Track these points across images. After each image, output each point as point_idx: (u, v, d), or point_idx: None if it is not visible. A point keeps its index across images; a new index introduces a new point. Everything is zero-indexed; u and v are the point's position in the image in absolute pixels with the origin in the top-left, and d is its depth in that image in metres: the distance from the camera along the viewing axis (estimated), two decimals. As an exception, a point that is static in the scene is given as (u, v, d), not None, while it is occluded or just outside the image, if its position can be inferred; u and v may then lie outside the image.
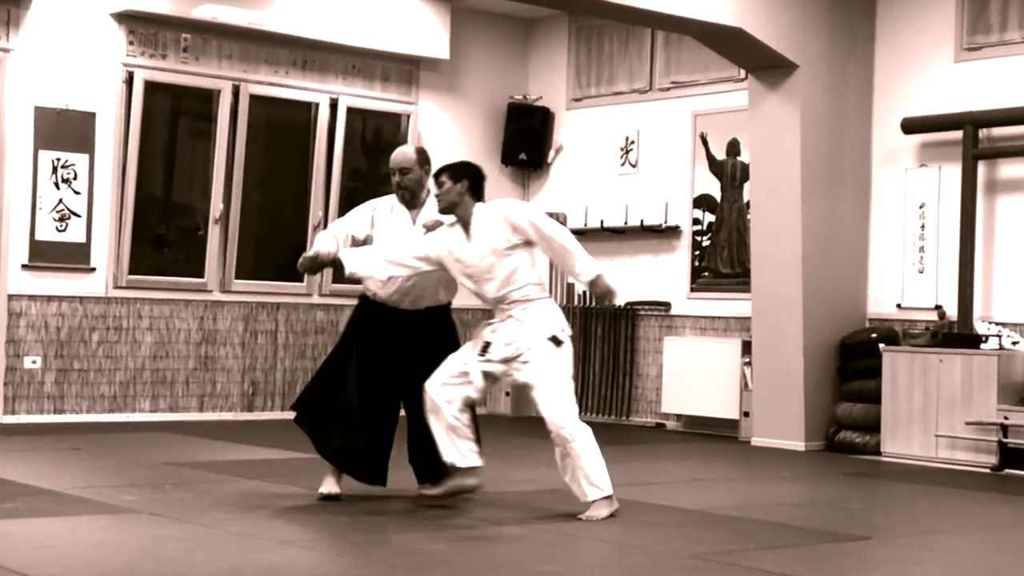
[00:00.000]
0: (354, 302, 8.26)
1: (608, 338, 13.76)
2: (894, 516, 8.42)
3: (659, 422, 13.30)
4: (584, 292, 13.93)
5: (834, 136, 11.80)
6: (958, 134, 11.24)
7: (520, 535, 6.93)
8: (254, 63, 12.95)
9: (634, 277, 13.58)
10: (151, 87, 12.40)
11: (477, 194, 7.53)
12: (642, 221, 13.46)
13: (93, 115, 12.09)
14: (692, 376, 12.70)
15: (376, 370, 7.77)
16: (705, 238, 13.08)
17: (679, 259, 13.30)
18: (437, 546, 6.58)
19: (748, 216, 12.36)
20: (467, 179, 7.52)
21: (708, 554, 6.46)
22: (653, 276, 13.47)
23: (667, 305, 13.34)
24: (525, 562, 6.27)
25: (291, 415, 8.14)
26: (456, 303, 8.06)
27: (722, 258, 12.93)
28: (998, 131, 11.22)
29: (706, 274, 13.06)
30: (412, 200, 7.93)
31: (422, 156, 8.01)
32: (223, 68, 12.76)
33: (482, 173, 7.63)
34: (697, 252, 13.14)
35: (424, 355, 7.63)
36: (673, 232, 13.31)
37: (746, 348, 12.26)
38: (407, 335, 7.79)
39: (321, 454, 7.87)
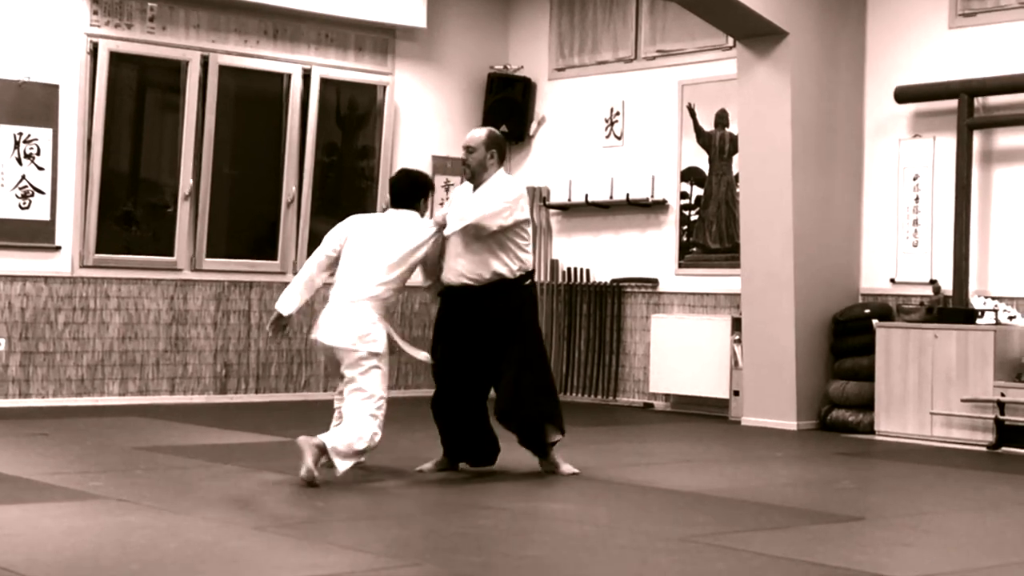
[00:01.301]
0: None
1: (594, 316, 13.77)
2: (888, 496, 8.43)
3: (647, 402, 13.32)
4: (567, 269, 13.95)
5: (825, 106, 11.80)
6: (953, 103, 11.25)
7: (502, 518, 6.94)
8: (223, 33, 12.91)
9: (620, 253, 13.59)
10: (116, 58, 12.36)
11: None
12: (628, 195, 13.46)
13: (56, 88, 12.04)
14: (680, 355, 12.72)
15: (455, 362, 8.27)
16: (693, 212, 13.09)
17: (666, 234, 13.31)
18: (415, 530, 6.59)
19: (737, 189, 12.37)
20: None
21: (697, 536, 6.47)
22: (640, 252, 13.48)
23: (654, 282, 13.35)
24: (508, 546, 6.28)
25: (265, 397, 8.22)
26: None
27: (711, 233, 12.94)
28: (994, 99, 11.24)
29: (694, 249, 13.07)
30: (473, 179, 8.40)
31: (491, 139, 8.41)
32: (191, 38, 12.73)
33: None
34: (685, 227, 13.15)
35: (491, 332, 8.17)
36: (660, 206, 13.32)
37: (736, 325, 12.30)
38: (479, 315, 8.21)
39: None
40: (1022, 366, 10.61)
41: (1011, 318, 10.79)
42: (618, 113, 13.78)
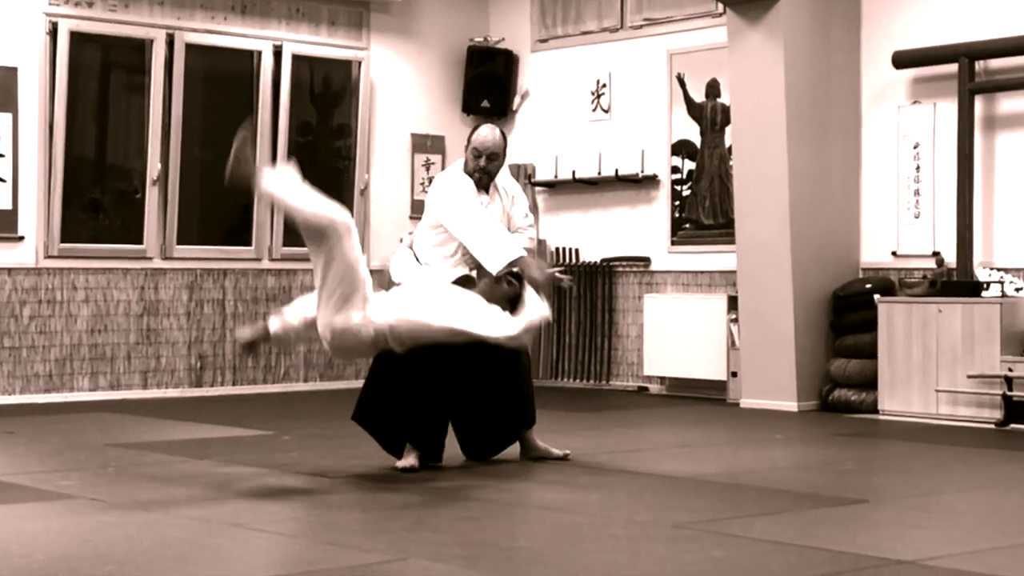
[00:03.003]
0: (308, 266, 8.41)
1: (584, 298, 13.79)
2: (892, 477, 8.46)
3: (641, 386, 13.34)
4: (555, 249, 13.97)
5: (821, 73, 11.82)
6: (953, 67, 11.27)
7: (492, 507, 6.96)
8: (188, 9, 12.90)
9: (610, 231, 13.61)
10: (77, 38, 12.33)
11: None
12: (617, 171, 13.47)
13: (15, 70, 12.01)
14: (675, 336, 12.75)
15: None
16: (685, 187, 13.11)
17: (658, 211, 13.32)
18: (401, 523, 6.60)
19: (731, 162, 12.38)
20: None
21: (694, 523, 6.49)
22: (630, 230, 13.50)
23: (646, 260, 13.37)
24: (498, 536, 6.30)
25: (242, 389, 8.23)
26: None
27: (704, 208, 12.96)
28: (996, 63, 11.26)
29: (687, 226, 13.09)
30: (488, 185, 8.40)
31: (506, 143, 8.55)
32: (155, 16, 12.71)
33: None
34: (677, 203, 13.17)
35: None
36: (651, 182, 13.33)
37: (732, 304, 12.32)
38: None
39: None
40: None
41: (1018, 290, 10.82)
42: (605, 85, 13.79)
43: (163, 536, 6.25)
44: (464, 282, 8.00)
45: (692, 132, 13.03)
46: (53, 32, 12.19)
